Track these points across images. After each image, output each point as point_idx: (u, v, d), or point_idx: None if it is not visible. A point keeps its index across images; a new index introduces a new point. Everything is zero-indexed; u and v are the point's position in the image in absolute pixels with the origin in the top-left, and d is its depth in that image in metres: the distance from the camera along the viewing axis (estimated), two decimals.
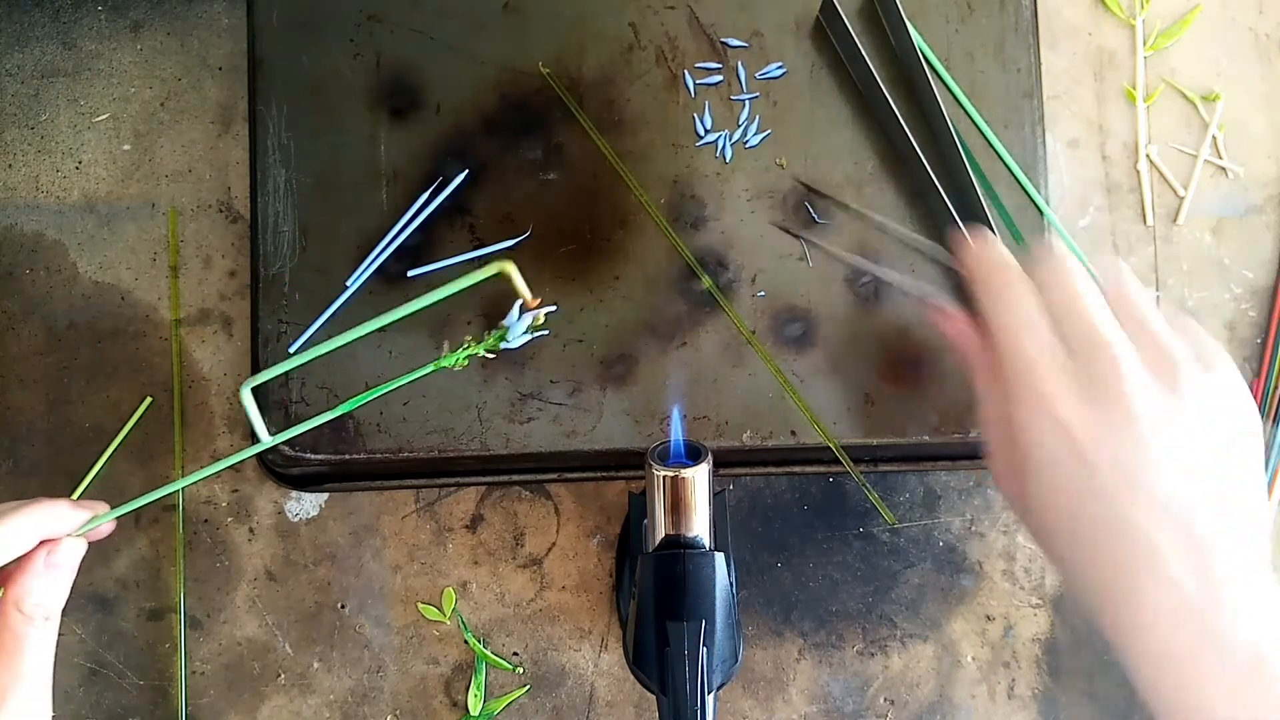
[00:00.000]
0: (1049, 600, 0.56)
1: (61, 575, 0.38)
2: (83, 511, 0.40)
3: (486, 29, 0.54)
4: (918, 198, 0.53)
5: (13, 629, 0.37)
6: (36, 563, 0.38)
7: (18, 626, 0.37)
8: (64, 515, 0.39)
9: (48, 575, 0.38)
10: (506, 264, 0.36)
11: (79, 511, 0.40)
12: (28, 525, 0.38)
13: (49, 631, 0.38)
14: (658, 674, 0.42)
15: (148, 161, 0.58)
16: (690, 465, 0.44)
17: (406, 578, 0.56)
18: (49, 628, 0.38)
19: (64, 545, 0.39)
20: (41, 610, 0.38)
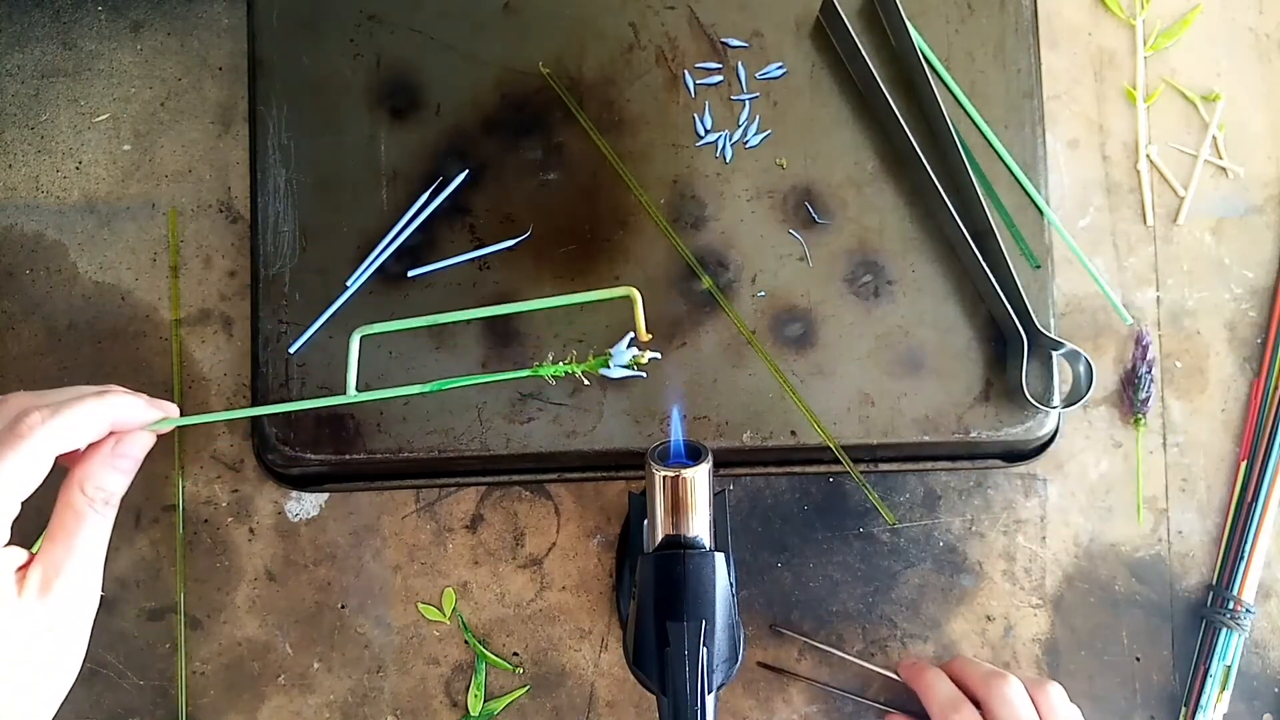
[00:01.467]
0: (1049, 600, 0.56)
1: (125, 465, 0.39)
2: (154, 410, 0.41)
3: (486, 29, 0.54)
4: (918, 198, 0.53)
5: (74, 508, 0.38)
6: (104, 450, 0.39)
7: (79, 506, 0.38)
8: (137, 409, 0.40)
9: (113, 463, 0.39)
10: (634, 291, 0.37)
11: (151, 410, 0.41)
12: (102, 412, 0.39)
13: (107, 516, 0.39)
14: (658, 674, 0.42)
15: (148, 161, 0.58)
16: (690, 465, 0.44)
17: (406, 578, 0.56)
18: (107, 512, 0.39)
19: (131, 437, 0.40)
20: (102, 494, 0.39)
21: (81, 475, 0.38)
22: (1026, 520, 0.57)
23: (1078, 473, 0.57)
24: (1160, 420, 0.57)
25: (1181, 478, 0.57)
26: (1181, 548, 0.57)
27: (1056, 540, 0.57)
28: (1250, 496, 0.56)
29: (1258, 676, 0.56)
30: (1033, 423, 0.53)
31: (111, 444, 0.39)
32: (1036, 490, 0.57)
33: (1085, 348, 0.50)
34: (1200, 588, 0.57)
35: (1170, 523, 0.57)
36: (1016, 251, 0.53)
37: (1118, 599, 0.56)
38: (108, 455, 0.39)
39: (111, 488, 0.39)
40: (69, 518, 0.38)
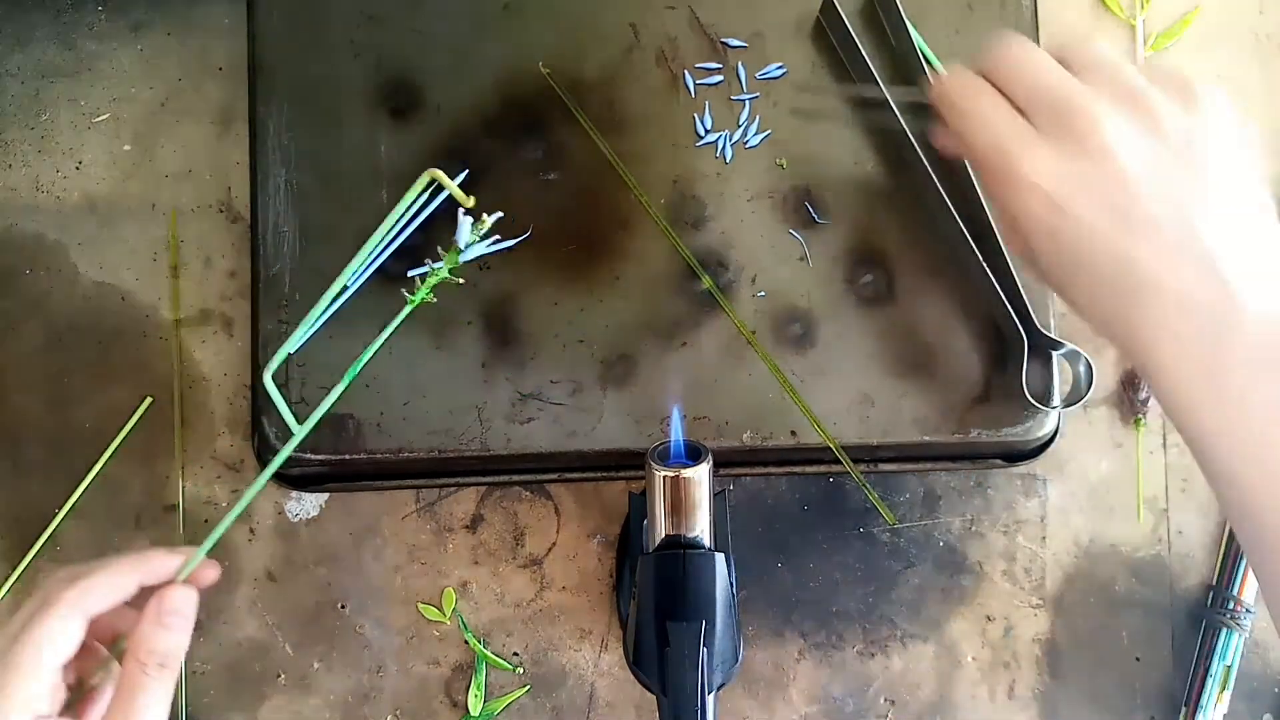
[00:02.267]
0: (1049, 600, 0.56)
1: (173, 622, 0.39)
2: (177, 557, 0.41)
3: (486, 29, 0.54)
4: (918, 198, 0.53)
5: (129, 676, 0.38)
6: (150, 610, 0.39)
7: (133, 673, 0.38)
8: (159, 561, 0.40)
9: (157, 621, 0.39)
10: (434, 170, 0.36)
11: (174, 557, 0.41)
12: (120, 571, 0.39)
13: (164, 680, 0.39)
14: (658, 674, 0.42)
15: (148, 162, 0.58)
16: (690, 465, 0.44)
17: (407, 578, 0.56)
18: (164, 675, 0.39)
19: (170, 591, 0.40)
20: (155, 658, 0.38)
21: (133, 643, 0.39)
22: (1027, 520, 0.57)
23: (1078, 473, 0.57)
24: (1160, 420, 0.57)
25: (1182, 478, 0.57)
26: (1182, 548, 0.57)
27: (1057, 540, 0.57)
28: None
29: (1258, 676, 0.56)
30: (1033, 423, 0.52)
31: (155, 604, 0.39)
32: (1037, 490, 0.57)
33: (1085, 348, 0.50)
34: (1200, 588, 0.57)
35: (1170, 523, 0.57)
36: None
37: (1118, 599, 0.56)
38: (153, 616, 0.39)
39: (163, 648, 0.39)
40: (123, 688, 0.38)
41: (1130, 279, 0.37)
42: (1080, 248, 0.38)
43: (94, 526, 0.56)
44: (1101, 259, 0.38)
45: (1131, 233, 0.37)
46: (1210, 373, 0.36)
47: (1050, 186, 0.38)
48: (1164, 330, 0.37)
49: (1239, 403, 0.36)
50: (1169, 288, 0.37)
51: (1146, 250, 0.37)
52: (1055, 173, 0.37)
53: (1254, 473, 0.36)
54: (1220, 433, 0.37)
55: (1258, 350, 0.36)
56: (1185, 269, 0.37)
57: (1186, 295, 0.36)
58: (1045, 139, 0.38)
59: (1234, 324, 0.36)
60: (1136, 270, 0.37)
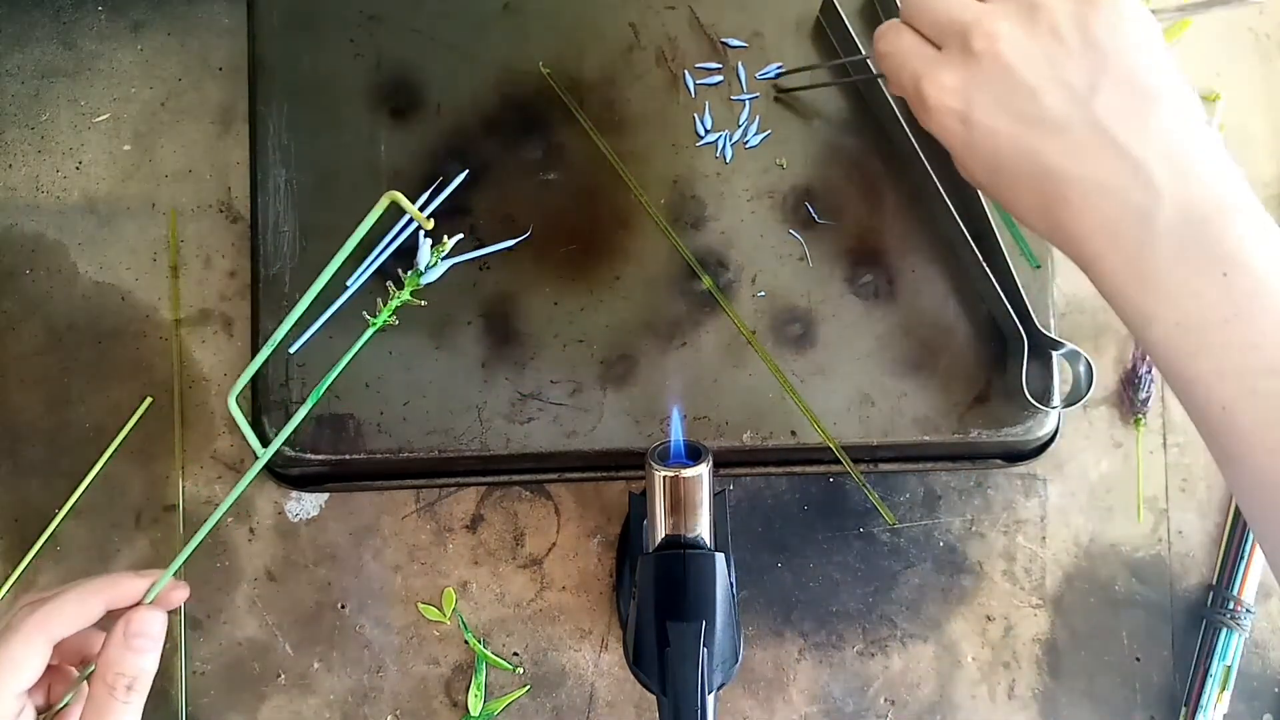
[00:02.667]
0: (1049, 600, 0.56)
1: (140, 644, 0.39)
2: (145, 579, 0.41)
3: (486, 29, 0.54)
4: (918, 198, 0.53)
5: (96, 700, 0.38)
6: (116, 634, 0.39)
7: (100, 697, 0.38)
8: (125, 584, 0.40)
9: (125, 644, 0.39)
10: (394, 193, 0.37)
11: (141, 579, 0.41)
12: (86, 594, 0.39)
13: (131, 703, 0.39)
14: (658, 674, 0.42)
15: (148, 162, 0.58)
16: (690, 465, 0.44)
17: (407, 578, 0.56)
18: (131, 698, 0.38)
19: (137, 614, 0.39)
20: (123, 680, 0.38)
21: (101, 665, 0.38)
22: (1026, 520, 0.57)
23: (1078, 473, 0.57)
24: (1160, 420, 0.57)
25: (1182, 478, 0.57)
26: (1181, 548, 0.57)
27: (1056, 540, 0.57)
28: None
29: (1258, 676, 0.56)
30: (1033, 423, 0.52)
31: (122, 626, 0.39)
32: (1036, 490, 0.57)
33: (1085, 348, 0.50)
34: (1200, 588, 0.57)
35: (1170, 523, 0.57)
36: (1016, 251, 0.53)
37: (1118, 599, 0.56)
38: (120, 639, 0.39)
39: (131, 671, 0.39)
40: (93, 710, 0.38)
41: (1047, 178, 0.38)
42: (995, 155, 0.39)
43: (94, 526, 0.56)
44: (1016, 162, 0.38)
45: (1037, 132, 0.38)
46: (1137, 260, 0.37)
47: (954, 102, 0.39)
48: (1088, 223, 0.37)
49: (1166, 288, 0.36)
50: (1084, 181, 0.37)
51: (1054, 146, 0.37)
52: (956, 88, 0.39)
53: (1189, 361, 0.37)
54: (1153, 318, 0.37)
55: (1178, 233, 0.36)
56: (1096, 160, 0.37)
57: (1102, 186, 0.37)
58: (947, 59, 0.39)
59: (1152, 209, 0.36)
60: (1050, 168, 0.38)
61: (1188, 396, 0.38)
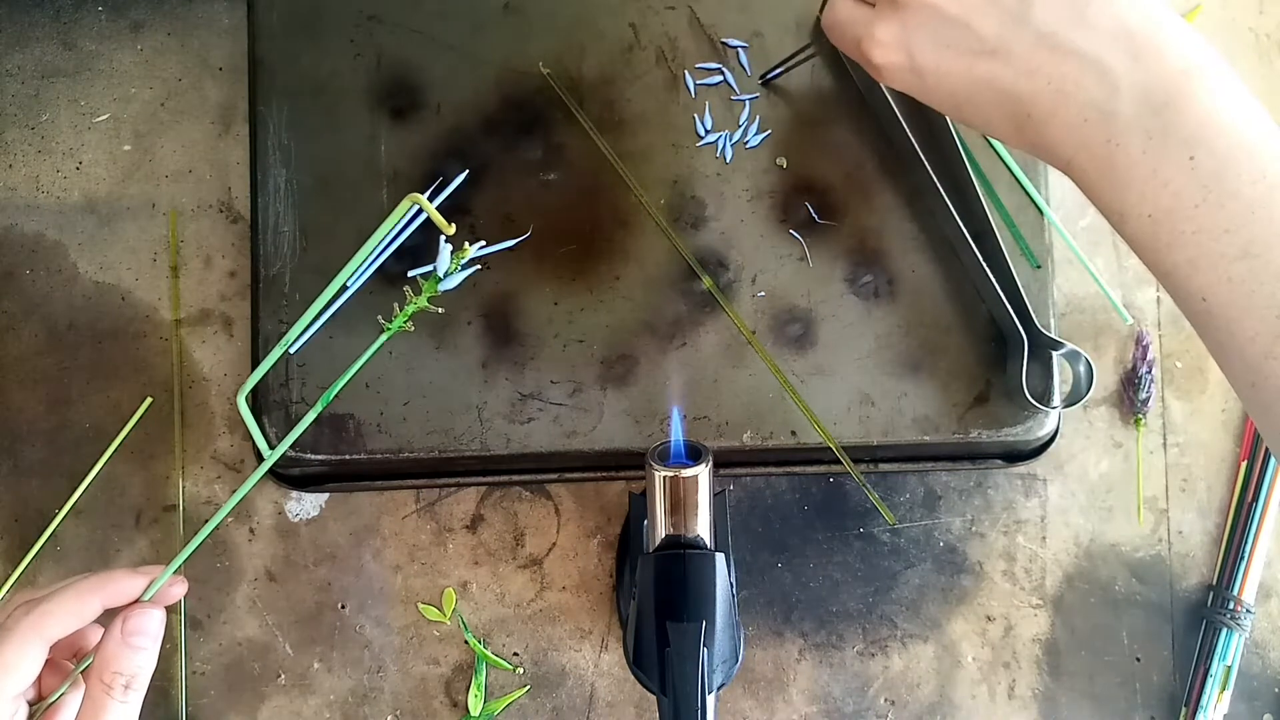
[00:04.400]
0: (1049, 600, 0.56)
1: (139, 642, 0.39)
2: (141, 577, 0.40)
3: (486, 29, 0.54)
4: (918, 198, 0.53)
5: (92, 698, 0.38)
6: (114, 632, 0.39)
7: (97, 695, 0.38)
8: (122, 582, 0.40)
9: (123, 642, 0.39)
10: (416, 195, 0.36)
11: (137, 577, 0.40)
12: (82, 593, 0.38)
13: (128, 701, 0.38)
14: (658, 674, 0.42)
15: (148, 162, 0.58)
16: (690, 465, 0.44)
17: (407, 578, 0.56)
18: (130, 697, 0.38)
19: (135, 612, 0.39)
20: (120, 679, 0.38)
21: (99, 664, 0.38)
22: (1026, 520, 0.57)
23: (1078, 473, 0.57)
24: (1160, 420, 0.57)
25: (1182, 478, 0.57)
26: (1181, 548, 0.57)
27: (1057, 540, 0.57)
28: (1250, 496, 0.56)
29: (1258, 676, 0.56)
30: (1033, 423, 0.52)
31: (119, 624, 0.39)
32: (1036, 490, 0.57)
33: (1085, 348, 0.50)
34: (1200, 588, 0.57)
35: (1170, 523, 0.57)
36: (1016, 251, 0.53)
37: (1118, 599, 0.56)
38: (118, 637, 0.38)
39: (129, 670, 0.38)
40: (88, 709, 0.38)
41: (1008, 100, 0.38)
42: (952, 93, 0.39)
43: (94, 526, 0.56)
44: (973, 93, 0.39)
45: (983, 60, 0.38)
46: (1106, 157, 0.36)
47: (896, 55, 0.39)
48: (1056, 132, 0.37)
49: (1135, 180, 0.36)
50: (1041, 94, 0.37)
51: (1003, 69, 0.37)
52: (895, 41, 0.39)
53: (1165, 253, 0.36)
54: (1127, 213, 0.37)
55: (1142, 123, 0.36)
56: (1049, 70, 0.37)
57: (1060, 92, 0.37)
58: (879, 15, 0.40)
59: (1112, 102, 0.36)
60: (1007, 90, 0.38)
61: (1171, 289, 0.38)
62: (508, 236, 0.53)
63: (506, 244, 0.53)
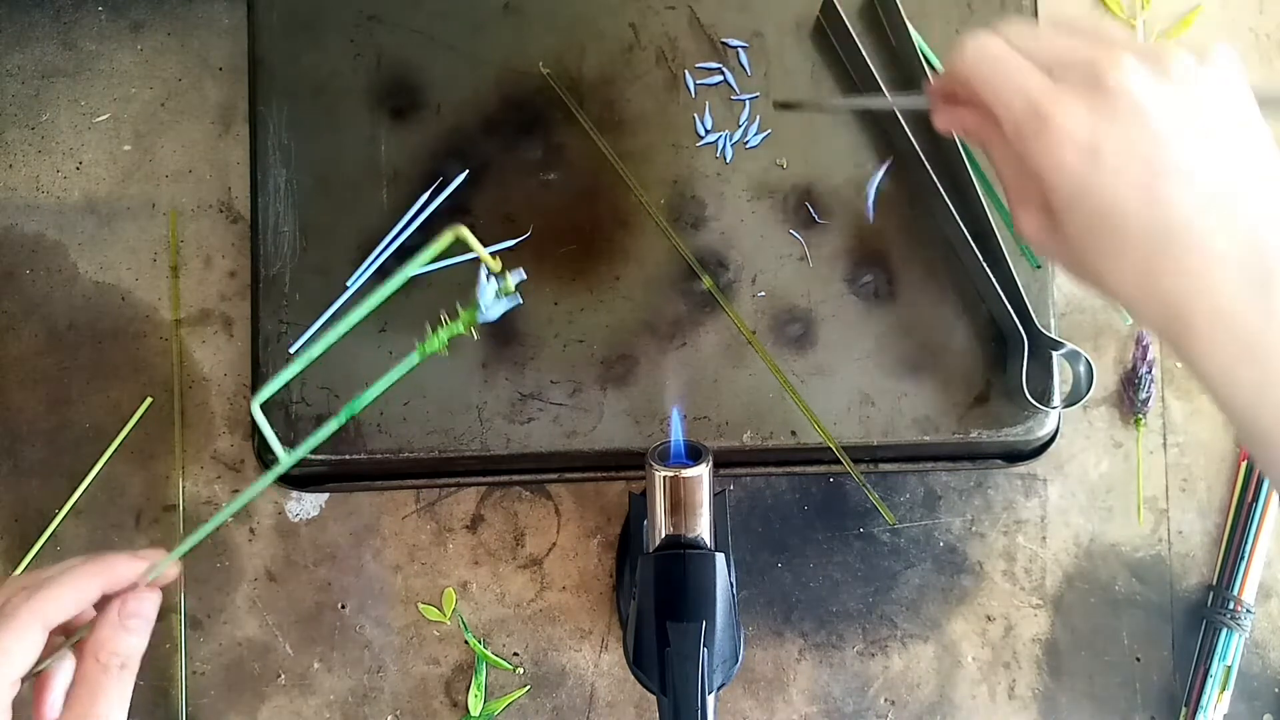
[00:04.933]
0: (1049, 600, 0.56)
1: (135, 624, 0.39)
2: (140, 562, 0.41)
3: (486, 29, 0.54)
4: (918, 198, 0.53)
5: (89, 677, 0.38)
6: (111, 614, 0.39)
7: (93, 674, 0.38)
8: (122, 567, 0.40)
9: (120, 624, 0.39)
10: (460, 228, 0.36)
11: (136, 562, 0.41)
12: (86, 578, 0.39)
13: (123, 680, 0.39)
14: (658, 674, 0.42)
15: (148, 162, 0.58)
16: (691, 465, 0.44)
17: (407, 578, 0.56)
18: (124, 676, 0.39)
19: (134, 596, 0.40)
20: (117, 659, 0.39)
21: (94, 643, 0.38)
22: (1027, 520, 0.57)
23: (1078, 473, 0.57)
24: (1160, 420, 0.57)
25: (1182, 478, 0.57)
26: (1181, 548, 0.57)
27: (1057, 540, 0.57)
28: (1250, 496, 0.56)
29: (1258, 676, 0.56)
30: (1033, 423, 0.52)
31: (117, 606, 0.39)
32: (1037, 490, 0.57)
33: (1085, 348, 0.50)
34: (1200, 588, 0.57)
35: (1170, 523, 0.57)
36: (1016, 251, 0.53)
37: (1118, 599, 0.56)
38: (115, 619, 0.39)
39: (125, 651, 0.39)
40: (84, 687, 0.38)
41: (1165, 234, 0.35)
42: (1112, 201, 0.36)
43: (94, 526, 0.56)
44: (1134, 209, 0.36)
45: (1164, 181, 0.35)
46: (1251, 332, 0.35)
47: (1083, 137, 0.36)
48: (1200, 285, 0.35)
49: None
50: (1204, 238, 0.35)
51: (1180, 197, 0.35)
52: (1087, 124, 0.36)
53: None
54: (1263, 403, 0.35)
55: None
56: (1221, 218, 0.35)
57: (1223, 246, 0.35)
58: (1072, 90, 0.37)
59: (1273, 278, 0.34)
60: (1171, 221, 0.35)
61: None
62: (508, 236, 0.53)
63: (506, 244, 0.53)
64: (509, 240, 0.53)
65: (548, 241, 0.53)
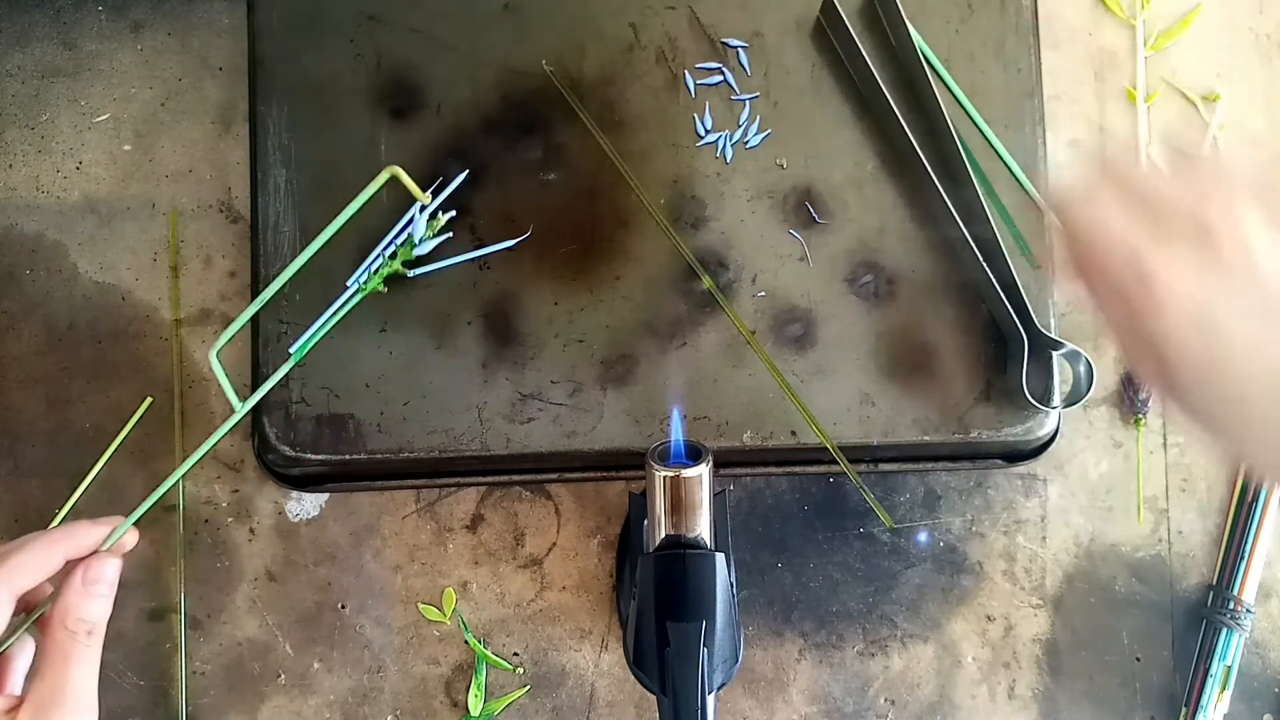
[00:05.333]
0: (1049, 600, 0.56)
1: (98, 590, 0.40)
2: (101, 527, 0.41)
3: (487, 29, 0.54)
4: (918, 198, 0.53)
5: (58, 644, 0.39)
6: (75, 581, 0.40)
7: (62, 640, 0.39)
8: (84, 533, 0.41)
9: (84, 591, 0.39)
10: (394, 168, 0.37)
11: (97, 528, 0.41)
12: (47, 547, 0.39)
13: (93, 646, 0.39)
14: (658, 674, 0.42)
15: (148, 162, 0.58)
16: (691, 465, 0.44)
17: (407, 578, 0.56)
18: (93, 642, 0.39)
19: (95, 561, 0.40)
20: (84, 625, 0.39)
21: (60, 611, 0.39)
22: (1027, 520, 0.57)
23: (1078, 473, 0.57)
24: (1160, 420, 0.57)
25: (1182, 478, 0.57)
26: (1182, 548, 0.57)
27: (1057, 540, 0.57)
28: (1250, 496, 0.56)
29: (1258, 676, 0.56)
30: (1033, 423, 0.52)
31: (80, 573, 0.40)
32: (1037, 490, 0.57)
33: (1085, 348, 0.50)
34: (1200, 588, 0.57)
35: (1170, 523, 0.57)
36: (1016, 251, 0.53)
37: (1118, 599, 0.56)
38: (79, 585, 0.39)
39: (92, 617, 0.39)
40: (55, 655, 0.38)
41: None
42: (1234, 362, 0.33)
43: None
44: (1259, 372, 0.33)
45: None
46: None
47: (1196, 300, 0.33)
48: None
49: None
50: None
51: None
52: (1199, 284, 0.33)
53: None
54: None
55: None
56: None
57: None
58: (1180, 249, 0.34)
59: None
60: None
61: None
62: (508, 236, 0.53)
63: (506, 244, 0.53)
64: (509, 240, 0.53)
65: (548, 241, 0.53)
